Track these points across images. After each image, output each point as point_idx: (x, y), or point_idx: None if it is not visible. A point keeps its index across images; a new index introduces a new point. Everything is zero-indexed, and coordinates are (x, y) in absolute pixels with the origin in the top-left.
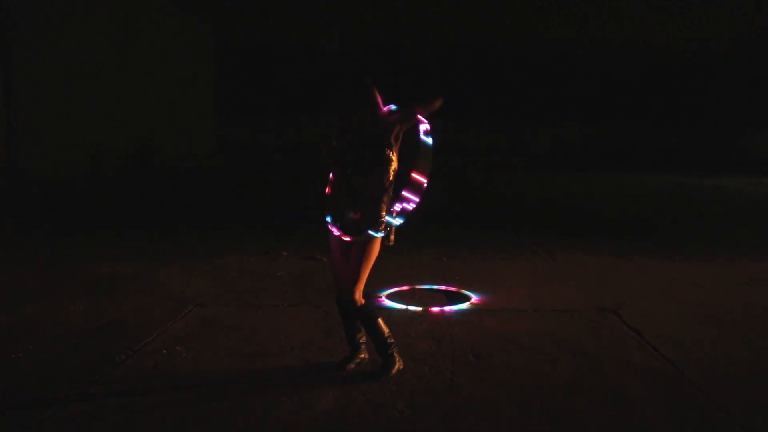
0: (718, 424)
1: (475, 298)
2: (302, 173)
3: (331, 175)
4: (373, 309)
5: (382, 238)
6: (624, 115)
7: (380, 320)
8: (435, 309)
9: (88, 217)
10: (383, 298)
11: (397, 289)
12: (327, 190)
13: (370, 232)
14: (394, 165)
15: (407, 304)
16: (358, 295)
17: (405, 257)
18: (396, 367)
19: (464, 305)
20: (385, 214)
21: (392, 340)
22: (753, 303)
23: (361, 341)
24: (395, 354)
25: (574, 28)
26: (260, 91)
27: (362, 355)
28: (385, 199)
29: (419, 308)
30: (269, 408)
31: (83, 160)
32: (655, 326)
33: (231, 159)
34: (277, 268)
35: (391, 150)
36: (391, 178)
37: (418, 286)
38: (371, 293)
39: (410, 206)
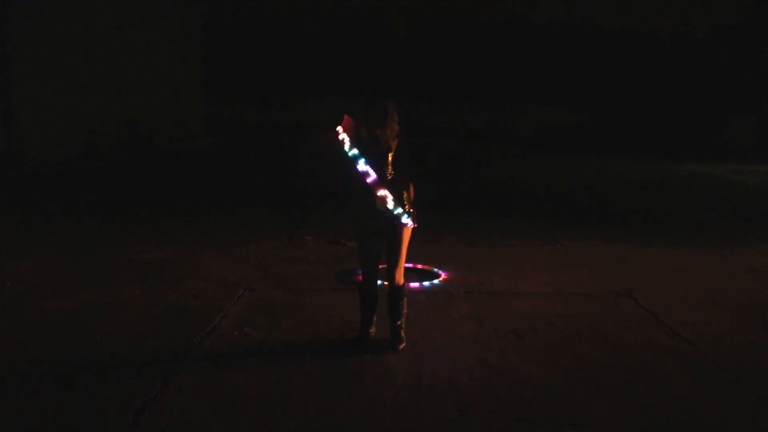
0: (736, 394)
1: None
2: (293, 151)
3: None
4: (405, 289)
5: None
6: (608, 100)
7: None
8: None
9: (99, 201)
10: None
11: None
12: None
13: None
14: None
15: (433, 287)
16: (402, 275)
17: (420, 244)
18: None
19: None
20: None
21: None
22: (757, 289)
23: (374, 320)
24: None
25: (560, 12)
26: (247, 70)
27: (372, 329)
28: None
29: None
30: (353, 382)
31: (77, 142)
32: (669, 309)
33: (220, 139)
34: (308, 253)
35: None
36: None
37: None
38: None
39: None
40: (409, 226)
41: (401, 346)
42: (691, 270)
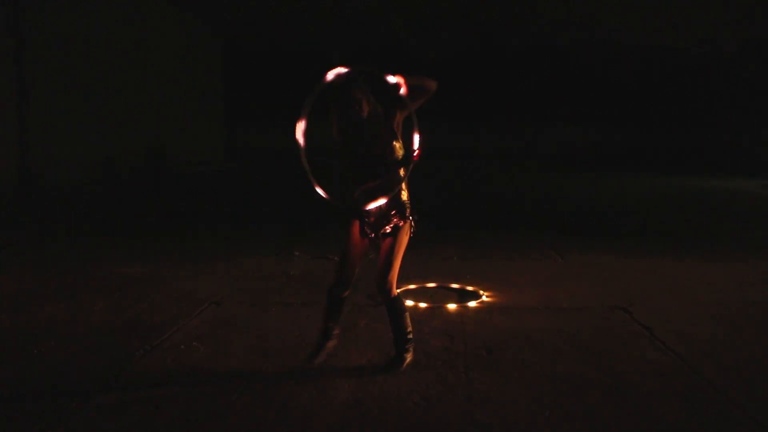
0: (731, 417)
1: (485, 296)
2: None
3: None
4: (403, 302)
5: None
6: (633, 118)
7: (407, 315)
8: (447, 306)
9: (102, 222)
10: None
11: (409, 287)
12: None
13: (400, 220)
14: (400, 152)
15: (419, 302)
16: (394, 286)
17: (415, 257)
18: (407, 361)
19: (475, 303)
20: (408, 201)
21: (412, 336)
22: (766, 301)
23: (335, 332)
24: (410, 349)
25: (582, 31)
26: (268, 95)
27: (331, 343)
28: (404, 186)
29: (431, 305)
30: (287, 401)
31: (96, 165)
32: (666, 323)
33: (240, 163)
34: (290, 267)
35: (395, 139)
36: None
37: (429, 284)
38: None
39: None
40: (406, 225)
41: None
42: (699, 282)
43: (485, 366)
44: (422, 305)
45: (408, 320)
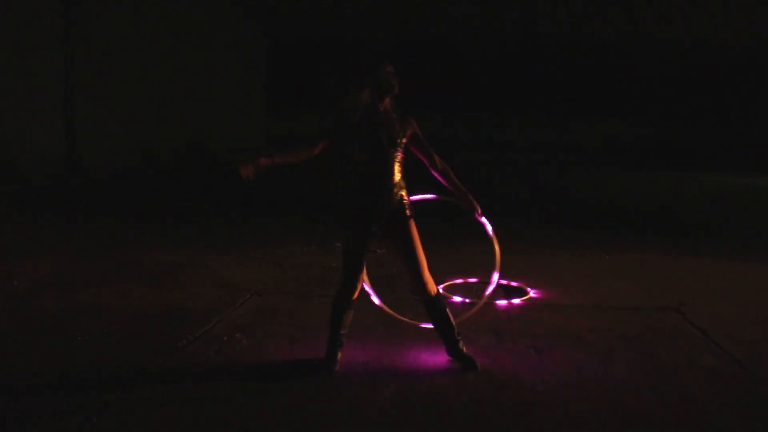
0: None
1: (532, 292)
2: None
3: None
4: (444, 300)
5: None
6: (678, 114)
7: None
8: (493, 302)
9: (143, 209)
10: (441, 289)
11: (453, 281)
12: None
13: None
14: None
15: (464, 297)
16: (431, 282)
17: (456, 251)
18: (468, 354)
19: (522, 299)
20: (407, 199)
21: (457, 330)
22: None
23: (345, 335)
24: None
25: (627, 25)
26: (309, 84)
27: (340, 354)
28: (402, 184)
29: (476, 301)
30: (332, 397)
31: (136, 154)
32: (722, 326)
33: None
34: (332, 259)
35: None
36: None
37: (472, 279)
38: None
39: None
40: (410, 220)
41: (478, 364)
42: (753, 285)
43: (535, 366)
44: (467, 301)
45: (451, 316)
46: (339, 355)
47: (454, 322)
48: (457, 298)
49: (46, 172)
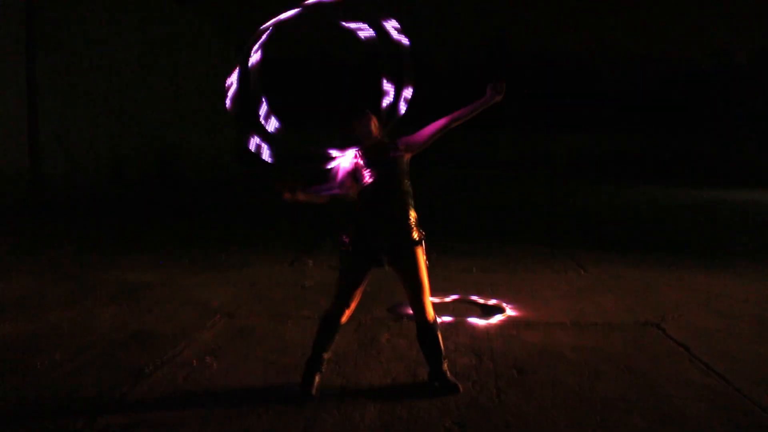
0: None
1: (510, 309)
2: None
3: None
4: (438, 327)
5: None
6: (646, 128)
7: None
8: (471, 321)
9: (110, 225)
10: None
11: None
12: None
13: (412, 242)
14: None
15: (441, 316)
16: (431, 309)
17: (433, 269)
18: (454, 380)
19: (500, 317)
20: (415, 223)
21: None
22: None
23: (327, 359)
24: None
25: (595, 41)
26: (284, 101)
27: (318, 376)
28: (411, 209)
29: (455, 320)
30: (309, 425)
31: (105, 167)
32: (703, 341)
33: (249, 170)
34: (305, 277)
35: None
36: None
37: (450, 298)
38: (399, 305)
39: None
40: (419, 247)
41: (461, 388)
42: (732, 297)
43: (518, 386)
44: (446, 319)
45: (442, 342)
46: (317, 379)
47: (443, 348)
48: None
49: (9, 189)
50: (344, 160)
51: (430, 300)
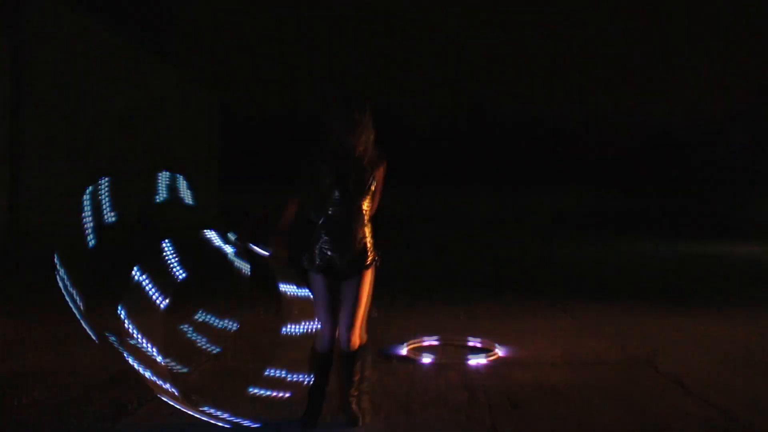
0: None
1: (499, 351)
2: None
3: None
4: (368, 353)
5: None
6: (625, 184)
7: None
8: (461, 361)
9: (91, 275)
10: (406, 350)
11: (419, 343)
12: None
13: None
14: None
15: (429, 357)
16: (363, 332)
17: (422, 315)
18: (358, 413)
19: (490, 358)
20: (371, 246)
21: (365, 386)
22: None
23: (324, 394)
24: (362, 399)
25: (574, 103)
26: (262, 159)
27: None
28: (368, 233)
29: (444, 361)
30: None
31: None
32: (696, 375)
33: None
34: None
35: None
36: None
37: (437, 341)
38: (388, 347)
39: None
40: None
41: (361, 422)
42: (721, 336)
43: (514, 420)
44: (434, 360)
45: (359, 369)
46: (320, 410)
47: (356, 381)
48: (426, 359)
49: None
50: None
51: (363, 328)
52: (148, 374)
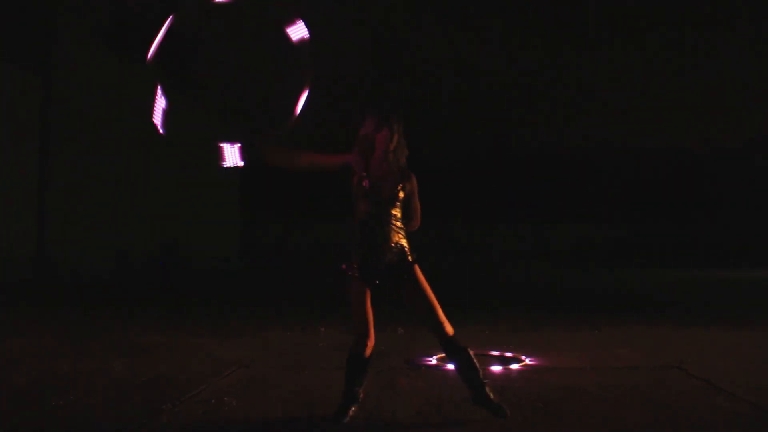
0: None
1: (527, 359)
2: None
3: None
4: (460, 341)
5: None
6: (646, 214)
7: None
8: (490, 368)
9: (118, 304)
10: (435, 361)
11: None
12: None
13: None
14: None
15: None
16: (447, 323)
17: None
18: (496, 400)
19: (519, 365)
20: (407, 245)
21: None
22: None
23: (360, 395)
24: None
25: (593, 133)
26: (284, 194)
27: (355, 407)
28: (402, 232)
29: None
30: None
31: (109, 257)
32: (726, 378)
33: (254, 261)
34: (318, 339)
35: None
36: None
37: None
38: (416, 357)
39: None
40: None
41: (508, 412)
42: (747, 346)
43: (547, 416)
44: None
45: (474, 358)
46: (352, 409)
47: (478, 366)
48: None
49: (13, 274)
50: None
51: (443, 315)
52: None
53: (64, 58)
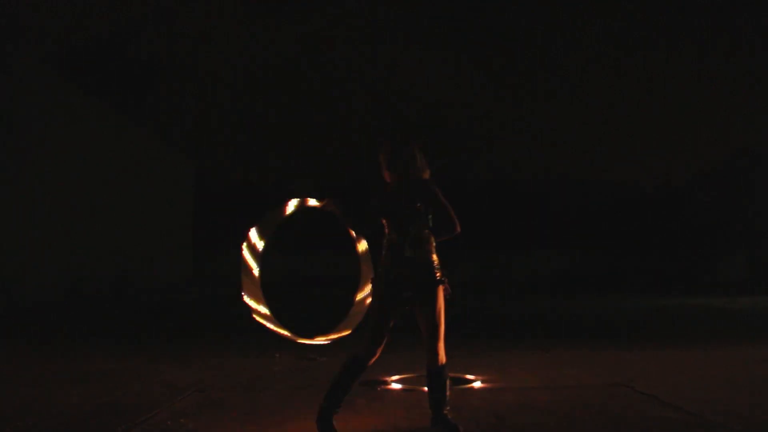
0: None
1: (480, 381)
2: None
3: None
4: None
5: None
6: (597, 245)
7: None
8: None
9: (70, 334)
10: (391, 383)
11: (396, 377)
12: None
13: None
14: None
15: (411, 387)
16: (443, 352)
17: (397, 354)
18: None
19: (473, 385)
20: (437, 263)
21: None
22: (762, 377)
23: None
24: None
25: (544, 167)
26: (238, 225)
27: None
28: (433, 249)
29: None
30: None
31: (60, 286)
32: (672, 392)
33: (206, 291)
34: (274, 364)
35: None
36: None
37: (414, 374)
38: (377, 380)
39: None
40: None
41: (461, 429)
42: (694, 363)
43: (500, 430)
44: (419, 389)
45: (449, 387)
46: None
47: (448, 395)
48: (409, 387)
49: None
50: None
51: (443, 345)
52: None
53: (17, 86)
